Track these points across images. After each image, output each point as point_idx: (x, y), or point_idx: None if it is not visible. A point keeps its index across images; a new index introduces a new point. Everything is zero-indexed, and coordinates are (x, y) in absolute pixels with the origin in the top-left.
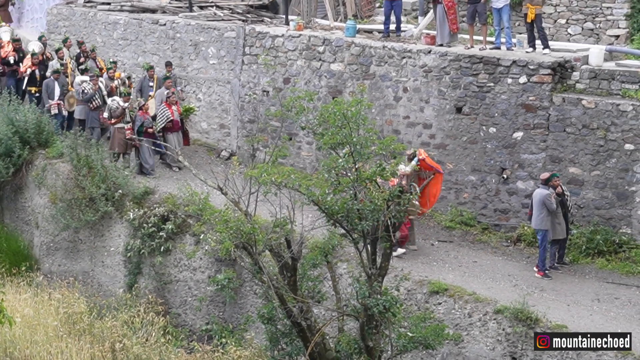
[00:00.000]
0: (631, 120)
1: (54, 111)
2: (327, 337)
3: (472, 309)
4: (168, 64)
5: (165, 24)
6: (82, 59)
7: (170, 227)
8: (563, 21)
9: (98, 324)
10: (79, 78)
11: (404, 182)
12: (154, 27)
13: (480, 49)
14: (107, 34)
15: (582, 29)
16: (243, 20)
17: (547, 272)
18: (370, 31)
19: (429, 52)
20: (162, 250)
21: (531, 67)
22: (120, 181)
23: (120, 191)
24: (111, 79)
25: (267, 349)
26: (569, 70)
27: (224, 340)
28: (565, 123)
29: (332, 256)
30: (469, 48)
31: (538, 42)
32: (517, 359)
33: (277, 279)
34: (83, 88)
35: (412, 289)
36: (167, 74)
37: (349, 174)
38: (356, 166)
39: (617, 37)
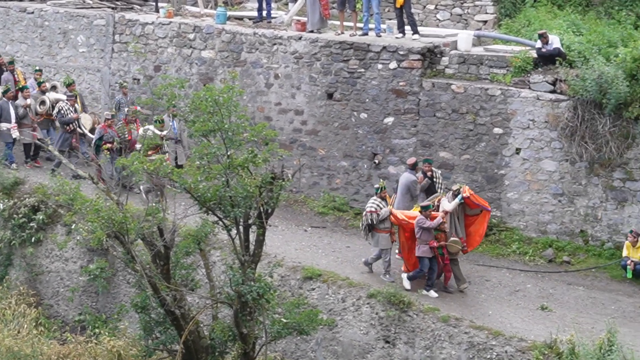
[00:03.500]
0: (500, 105)
1: (15, 135)
2: (202, 325)
3: (345, 294)
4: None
5: (33, 12)
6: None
7: (41, 217)
8: (432, 7)
9: None
10: (53, 96)
11: (444, 221)
12: (22, 15)
13: (350, 35)
14: None
15: (451, 14)
16: (112, 8)
17: None
18: (240, 18)
19: (300, 38)
20: (33, 241)
21: (401, 52)
22: None
23: None
24: (43, 92)
25: (141, 338)
26: (438, 55)
27: (97, 330)
28: (435, 108)
29: (205, 244)
30: (339, 34)
31: (407, 27)
32: (391, 342)
33: (150, 267)
34: (60, 108)
35: (286, 275)
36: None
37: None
38: (228, 153)
39: (485, 22)
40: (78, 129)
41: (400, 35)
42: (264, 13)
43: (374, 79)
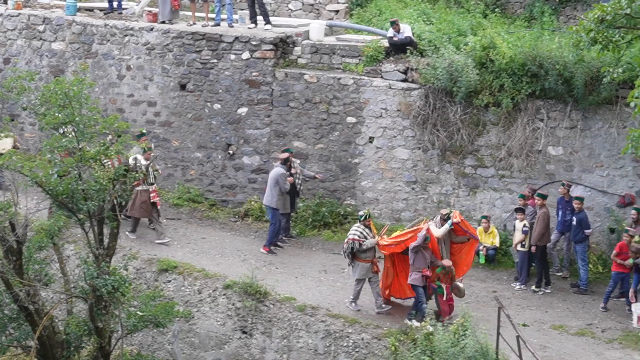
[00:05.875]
0: (352, 94)
1: None
2: (56, 320)
3: (201, 285)
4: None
5: None
6: None
7: None
8: None
9: None
10: None
11: (450, 266)
12: None
13: (202, 26)
14: None
15: (303, 4)
16: None
17: (272, 248)
18: (91, 9)
19: (152, 29)
20: None
21: (253, 43)
22: None
23: None
24: None
25: None
26: (290, 45)
27: None
28: (288, 98)
29: (58, 238)
30: (191, 25)
31: (260, 18)
32: (248, 333)
33: (2, 263)
34: (64, 131)
35: (141, 267)
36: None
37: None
38: (80, 146)
39: (337, 12)
40: None
41: (253, 25)
42: (115, 4)
43: (227, 70)
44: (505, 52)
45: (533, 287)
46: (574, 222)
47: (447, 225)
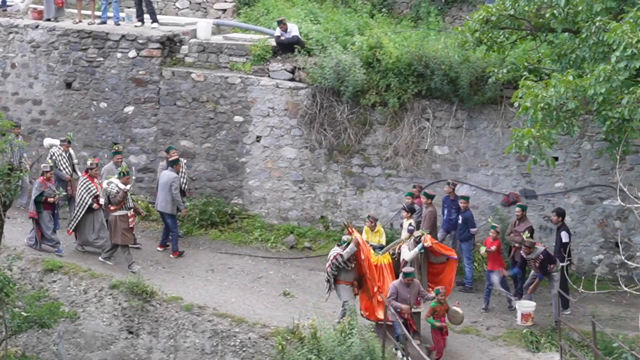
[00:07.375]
0: (239, 93)
1: None
2: None
3: (87, 285)
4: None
5: None
6: None
7: None
8: None
9: None
10: (48, 141)
11: (444, 298)
12: None
13: (88, 24)
14: None
15: (190, 2)
16: None
17: (182, 251)
18: None
19: (37, 27)
20: None
21: (140, 41)
22: None
23: None
24: None
25: None
26: (177, 44)
27: None
28: (175, 97)
29: None
30: (77, 22)
31: (147, 16)
32: (134, 333)
33: None
34: (52, 153)
35: (26, 267)
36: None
37: None
38: None
39: (224, 10)
40: None
41: (140, 23)
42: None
43: (114, 68)
44: (392, 51)
45: None
46: (460, 221)
47: (416, 249)
